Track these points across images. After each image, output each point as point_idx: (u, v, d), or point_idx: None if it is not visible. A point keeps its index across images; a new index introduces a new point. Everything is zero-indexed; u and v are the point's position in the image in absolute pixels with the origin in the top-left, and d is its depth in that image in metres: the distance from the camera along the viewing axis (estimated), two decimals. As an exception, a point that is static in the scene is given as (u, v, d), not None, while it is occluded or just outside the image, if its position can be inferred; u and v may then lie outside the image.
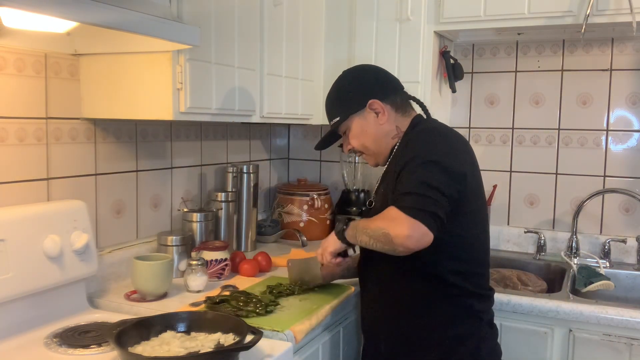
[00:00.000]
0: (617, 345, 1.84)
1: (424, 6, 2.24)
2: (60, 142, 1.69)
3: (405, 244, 1.39)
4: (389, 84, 1.70)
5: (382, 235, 1.43)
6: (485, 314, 1.63)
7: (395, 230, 1.39)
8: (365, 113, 1.66)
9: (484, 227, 1.65)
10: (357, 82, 1.70)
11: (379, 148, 1.68)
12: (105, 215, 1.85)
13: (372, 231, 1.47)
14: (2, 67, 1.52)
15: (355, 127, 1.68)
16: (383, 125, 1.65)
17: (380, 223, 1.46)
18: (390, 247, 1.42)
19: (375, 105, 1.64)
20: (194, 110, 1.65)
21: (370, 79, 1.70)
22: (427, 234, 1.39)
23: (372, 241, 1.48)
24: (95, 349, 1.37)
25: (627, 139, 2.43)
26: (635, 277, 2.32)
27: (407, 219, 1.39)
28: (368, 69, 1.76)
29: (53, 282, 1.52)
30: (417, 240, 1.39)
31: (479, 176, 1.62)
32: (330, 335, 1.71)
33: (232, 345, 1.27)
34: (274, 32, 2.05)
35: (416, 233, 1.38)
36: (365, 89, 1.67)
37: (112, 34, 1.36)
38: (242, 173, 2.32)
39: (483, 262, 1.63)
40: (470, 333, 1.58)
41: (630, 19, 1.98)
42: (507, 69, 2.59)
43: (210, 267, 1.90)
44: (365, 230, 1.51)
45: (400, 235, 1.38)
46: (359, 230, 1.55)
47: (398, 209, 1.42)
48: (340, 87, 1.73)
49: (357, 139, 1.69)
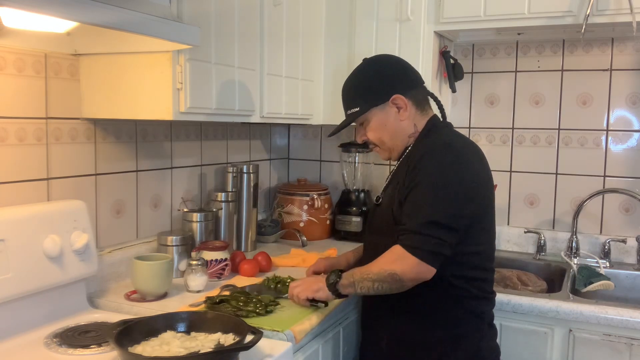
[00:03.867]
0: (617, 345, 1.83)
1: (424, 6, 2.24)
2: (60, 142, 1.69)
3: (414, 279, 1.48)
4: (412, 78, 1.67)
5: (389, 276, 1.48)
6: (486, 315, 1.64)
7: (402, 269, 1.47)
8: (387, 107, 1.63)
9: (492, 237, 1.65)
10: (381, 74, 1.65)
11: (395, 144, 1.66)
12: (105, 215, 1.85)
13: (376, 275, 1.49)
14: (2, 67, 1.52)
15: (374, 120, 1.64)
16: (403, 122, 1.63)
17: (384, 265, 1.49)
18: (398, 285, 1.49)
19: (398, 101, 1.61)
20: (194, 110, 1.65)
21: (394, 71, 1.66)
22: (432, 271, 1.47)
23: (376, 285, 1.50)
24: (95, 349, 1.37)
25: (627, 139, 2.43)
26: (635, 277, 2.32)
27: (412, 259, 1.46)
28: (393, 61, 1.71)
29: (53, 282, 1.52)
30: (423, 276, 1.48)
31: (491, 186, 1.62)
32: (330, 335, 1.71)
33: (232, 345, 1.27)
34: (274, 32, 2.05)
35: (422, 269, 1.46)
36: (390, 82, 1.63)
37: (112, 34, 1.36)
38: (242, 173, 2.32)
39: (488, 269, 1.64)
40: (471, 332, 1.59)
41: (630, 19, 1.98)
42: (507, 69, 2.59)
43: (210, 267, 1.90)
44: (366, 277, 1.51)
45: (407, 273, 1.47)
46: (357, 280, 1.53)
47: (403, 247, 1.47)
48: (363, 77, 1.67)
49: (375, 132, 1.66)
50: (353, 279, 1.54)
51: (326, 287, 1.57)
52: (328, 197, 2.69)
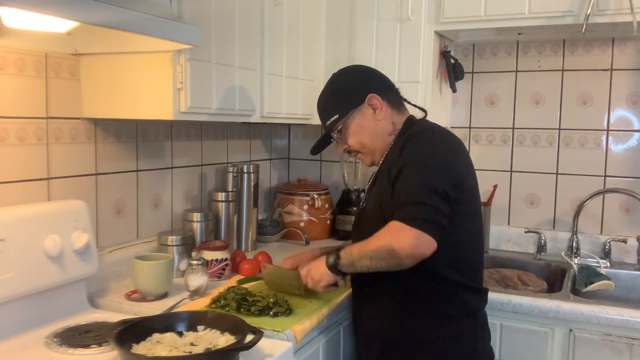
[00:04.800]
0: (618, 345, 1.83)
1: (425, 6, 2.24)
2: (60, 142, 1.69)
3: (413, 254, 1.40)
4: (383, 81, 1.71)
5: (386, 252, 1.42)
6: (480, 314, 1.63)
7: (400, 243, 1.40)
8: (363, 109, 1.64)
9: (479, 226, 1.64)
10: (353, 79, 1.70)
11: (376, 145, 1.66)
12: (106, 215, 1.85)
13: (373, 252, 1.45)
14: (3, 66, 1.52)
15: (353, 124, 1.66)
16: (380, 122, 1.64)
17: (381, 241, 1.44)
18: (396, 261, 1.43)
19: (373, 100, 1.64)
20: (194, 110, 1.65)
21: (365, 76, 1.70)
22: (432, 243, 1.41)
23: (374, 262, 1.46)
24: (95, 348, 1.37)
25: (628, 138, 2.43)
26: (635, 277, 2.32)
27: (411, 231, 1.39)
28: (361, 67, 1.77)
29: (53, 281, 1.52)
30: (423, 250, 1.40)
31: (474, 176, 1.62)
32: (330, 335, 1.71)
33: (232, 345, 1.27)
34: (274, 32, 2.05)
35: (422, 243, 1.39)
36: (363, 84, 1.67)
37: (113, 33, 1.36)
38: (242, 173, 2.32)
39: (477, 260, 1.63)
40: (465, 332, 1.57)
41: (631, 19, 1.98)
42: (508, 68, 2.59)
43: (211, 267, 1.90)
44: (363, 254, 1.48)
45: (406, 247, 1.39)
46: (355, 257, 1.51)
47: (400, 221, 1.41)
48: (336, 86, 1.72)
49: (354, 137, 1.67)
50: (352, 258, 1.51)
51: (329, 271, 1.55)
52: (328, 197, 2.69)
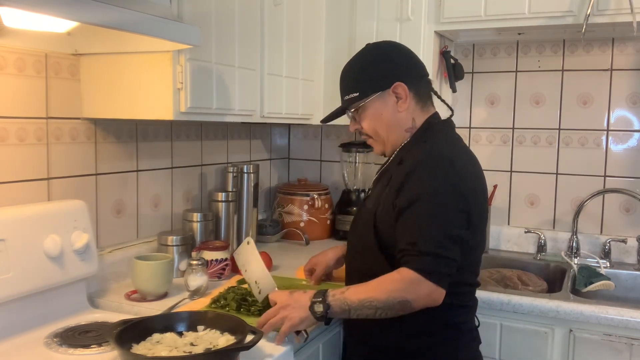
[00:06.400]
0: (618, 345, 1.83)
1: (424, 6, 2.24)
2: (60, 142, 1.69)
3: (426, 305, 1.34)
4: (417, 68, 1.57)
5: (399, 304, 1.33)
6: (465, 325, 1.54)
7: (416, 296, 1.32)
8: (386, 95, 1.51)
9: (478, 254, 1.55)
10: (385, 59, 1.54)
11: (389, 138, 1.55)
12: (106, 215, 1.85)
13: (384, 303, 1.33)
14: (3, 66, 1.52)
15: (371, 108, 1.53)
16: (401, 114, 1.52)
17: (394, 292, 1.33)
18: (407, 311, 1.35)
19: (399, 90, 1.51)
20: (194, 110, 1.65)
21: (400, 58, 1.55)
22: (443, 294, 1.34)
23: (379, 312, 1.34)
24: (95, 348, 1.37)
25: (628, 139, 2.43)
26: (635, 277, 2.32)
27: (429, 285, 1.32)
28: (397, 47, 1.58)
29: (53, 281, 1.52)
30: (435, 302, 1.34)
31: (485, 200, 1.54)
32: (330, 335, 1.71)
33: (232, 345, 1.27)
34: (274, 32, 2.05)
35: (437, 296, 1.33)
36: (393, 68, 1.53)
37: (113, 33, 1.36)
38: (242, 173, 2.32)
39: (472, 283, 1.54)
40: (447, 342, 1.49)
41: (631, 19, 1.98)
42: (508, 68, 2.59)
43: (211, 267, 1.90)
44: (367, 303, 1.34)
45: (421, 300, 1.33)
46: (353, 306, 1.35)
47: (416, 272, 1.31)
48: (365, 61, 1.56)
49: (370, 122, 1.55)
50: (348, 307, 1.35)
51: (312, 317, 1.37)
52: (328, 197, 2.70)
